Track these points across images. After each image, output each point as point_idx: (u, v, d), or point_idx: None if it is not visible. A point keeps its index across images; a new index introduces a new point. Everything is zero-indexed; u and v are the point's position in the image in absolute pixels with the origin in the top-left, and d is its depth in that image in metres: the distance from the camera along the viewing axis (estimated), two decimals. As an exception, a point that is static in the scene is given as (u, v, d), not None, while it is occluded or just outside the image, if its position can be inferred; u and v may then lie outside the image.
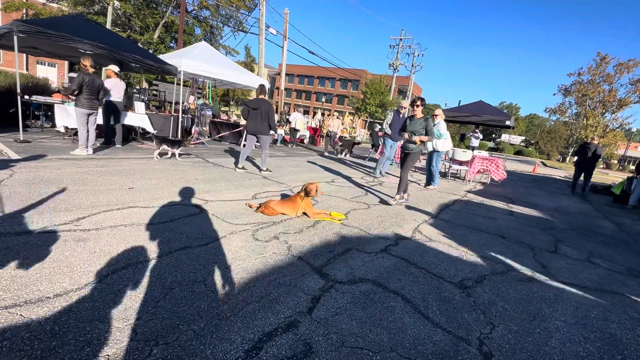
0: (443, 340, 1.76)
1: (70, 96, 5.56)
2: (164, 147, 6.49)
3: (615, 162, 45.22)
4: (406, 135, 4.82)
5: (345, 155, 11.96)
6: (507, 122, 10.41)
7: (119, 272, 1.99)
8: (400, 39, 30.44)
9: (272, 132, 6.07)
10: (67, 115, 6.58)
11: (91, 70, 5.40)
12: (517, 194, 8.11)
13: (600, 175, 23.50)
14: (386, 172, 7.89)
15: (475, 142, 12.35)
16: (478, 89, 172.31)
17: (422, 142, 4.75)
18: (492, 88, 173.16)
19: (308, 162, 9.10)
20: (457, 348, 1.71)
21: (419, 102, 4.83)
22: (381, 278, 2.40)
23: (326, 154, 11.91)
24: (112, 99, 6.45)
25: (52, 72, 27.32)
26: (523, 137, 68.77)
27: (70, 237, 2.38)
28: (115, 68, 6.61)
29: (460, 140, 21.77)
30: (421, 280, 2.45)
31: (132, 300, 1.72)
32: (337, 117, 13.65)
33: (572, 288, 2.68)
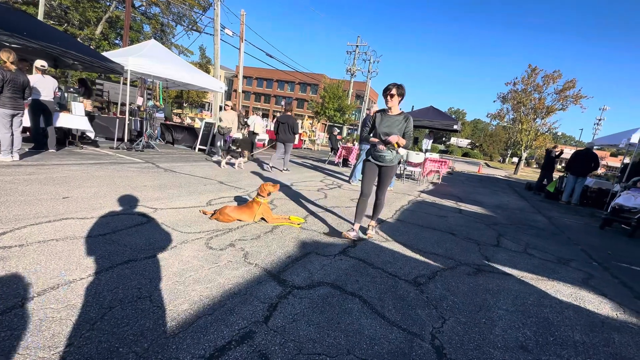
0: (398, 338, 1.81)
1: None
2: (229, 157, 7.32)
3: (546, 162, 50.94)
4: (381, 147, 3.24)
5: (240, 163, 7.48)
6: (455, 126, 11.19)
7: (47, 293, 1.76)
8: (357, 46, 31.41)
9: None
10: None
11: (12, 66, 4.76)
12: (464, 193, 8.73)
13: (535, 175, 26.25)
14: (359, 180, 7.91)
15: (427, 145, 13.11)
16: (429, 95, 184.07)
17: (398, 146, 3.17)
18: (441, 94, 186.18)
19: (266, 166, 8.94)
20: (411, 345, 1.76)
21: (393, 90, 3.14)
22: (339, 280, 2.40)
23: (217, 159, 8.34)
24: (41, 98, 5.78)
25: (-31, 67, 23.78)
26: (469, 140, 74.68)
27: (-14, 256, 2.06)
28: (39, 63, 5.89)
29: (414, 143, 23.01)
30: (378, 280, 2.51)
31: (61, 325, 1.53)
32: (232, 109, 9.49)
33: (512, 278, 2.92)
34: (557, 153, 11.14)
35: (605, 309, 2.54)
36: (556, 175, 11.20)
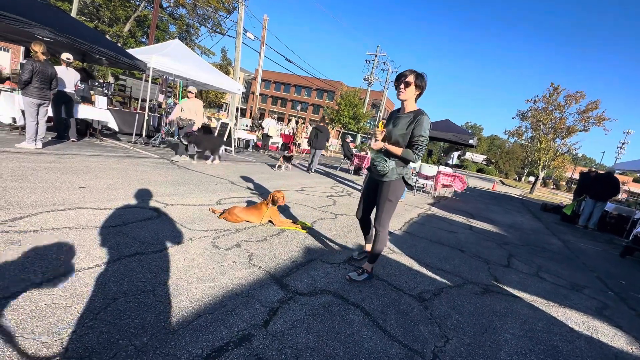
0: (399, 354, 1.76)
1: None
2: (285, 163, 8.62)
3: (564, 183, 49.43)
4: (373, 145, 2.46)
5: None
6: (471, 141, 11.00)
7: (56, 279, 1.80)
8: (376, 55, 31.48)
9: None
10: (12, 104, 6.02)
11: (42, 57, 4.97)
12: (476, 209, 8.54)
13: (550, 195, 25.55)
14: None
15: (453, 160, 13.07)
16: (446, 108, 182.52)
17: (387, 152, 2.43)
18: (459, 108, 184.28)
19: (278, 168, 9.00)
20: (411, 362, 1.71)
21: (410, 77, 2.34)
22: (342, 290, 2.37)
23: (177, 158, 6.72)
24: (65, 89, 6.01)
25: (4, 57, 25.06)
26: (485, 156, 73.38)
27: (2, 239, 2.13)
28: (65, 56, 6.12)
29: (428, 155, 22.79)
30: (381, 292, 2.46)
31: (66, 312, 1.56)
32: (197, 97, 7.52)
33: (521, 302, 2.82)
34: (592, 176, 10.58)
35: (619, 342, 2.41)
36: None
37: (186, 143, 6.66)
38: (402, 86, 2.36)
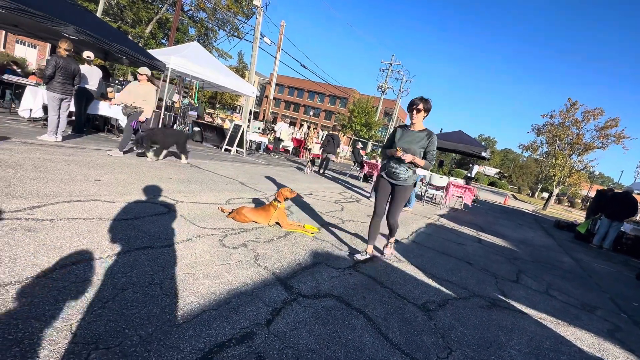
0: (400, 362, 1.74)
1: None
2: (311, 166, 10.19)
3: (579, 201, 48.09)
4: (400, 154, 2.90)
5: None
6: (483, 154, 10.85)
7: (68, 267, 1.86)
8: (391, 64, 31.53)
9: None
10: (34, 98, 6.26)
11: (64, 53, 5.18)
12: (486, 222, 8.39)
13: (565, 213, 24.90)
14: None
15: (473, 172, 12.98)
16: (459, 119, 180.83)
17: (413, 164, 3.00)
18: (472, 120, 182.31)
19: (288, 172, 9.06)
20: (412, 371, 1.69)
21: (420, 105, 2.93)
22: (346, 294, 2.37)
23: (151, 157, 5.80)
24: (87, 86, 6.23)
25: (31, 53, 26.18)
26: (498, 170, 72.13)
27: (20, 225, 2.21)
28: (86, 54, 6.32)
29: (439, 166, 22.54)
30: (385, 299, 2.45)
31: (77, 300, 1.60)
32: (150, 81, 5.85)
33: (528, 318, 2.76)
34: (609, 195, 10.23)
35: (631, 366, 2.33)
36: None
37: (135, 138, 5.55)
38: (414, 112, 2.99)
